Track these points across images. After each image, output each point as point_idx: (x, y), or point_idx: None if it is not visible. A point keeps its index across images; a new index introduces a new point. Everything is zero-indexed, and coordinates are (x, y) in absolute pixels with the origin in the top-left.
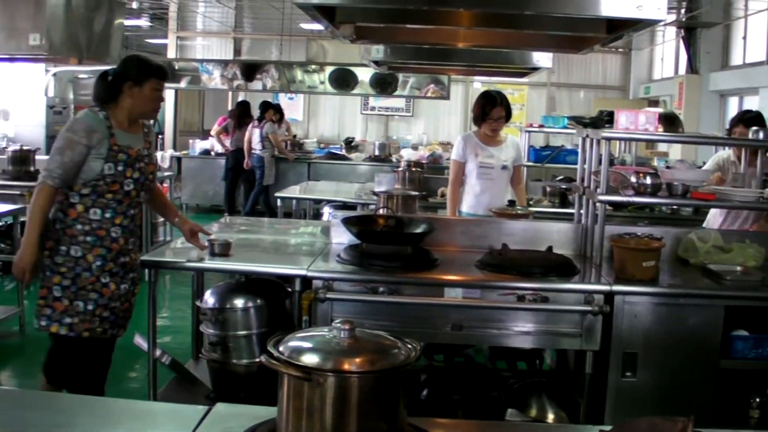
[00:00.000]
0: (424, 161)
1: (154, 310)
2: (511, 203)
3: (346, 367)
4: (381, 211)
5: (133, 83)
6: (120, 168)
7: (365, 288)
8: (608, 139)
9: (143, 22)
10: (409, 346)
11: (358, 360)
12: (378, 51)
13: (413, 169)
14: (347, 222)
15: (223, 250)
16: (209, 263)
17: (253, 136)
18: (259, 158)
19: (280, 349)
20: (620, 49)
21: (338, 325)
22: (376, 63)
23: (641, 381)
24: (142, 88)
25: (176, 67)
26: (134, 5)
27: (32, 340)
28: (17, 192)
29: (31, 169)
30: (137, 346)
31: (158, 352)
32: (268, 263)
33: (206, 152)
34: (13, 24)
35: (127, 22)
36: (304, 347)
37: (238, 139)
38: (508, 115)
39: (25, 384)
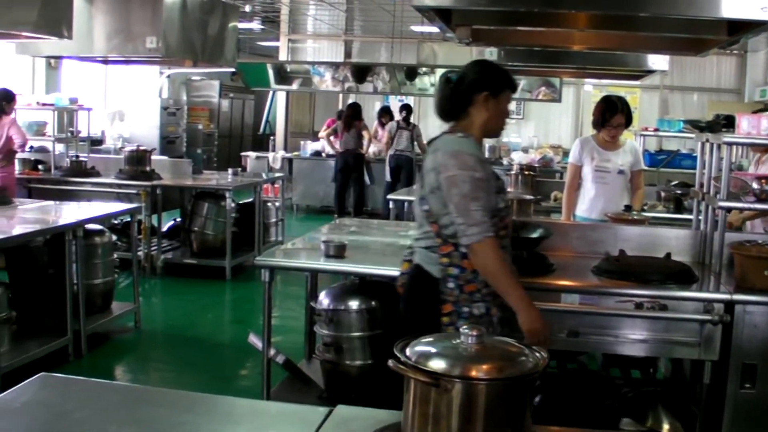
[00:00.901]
0: (535, 164)
1: (269, 310)
2: (627, 208)
3: (474, 373)
4: None
5: (490, 94)
6: (501, 197)
7: None
8: (730, 144)
9: (255, 24)
10: (537, 354)
11: (486, 367)
12: (491, 53)
13: (526, 172)
14: None
15: (338, 252)
16: (324, 264)
17: (402, 137)
18: (408, 159)
19: (407, 353)
20: (735, 51)
21: (466, 330)
22: None
23: (760, 393)
24: (499, 100)
25: (288, 70)
26: (247, 8)
27: (147, 336)
28: (133, 191)
29: (147, 168)
30: (251, 345)
31: (272, 352)
32: (383, 265)
33: (317, 154)
34: (130, 27)
35: (240, 25)
36: (432, 352)
37: (347, 141)
38: (628, 121)
39: (139, 379)
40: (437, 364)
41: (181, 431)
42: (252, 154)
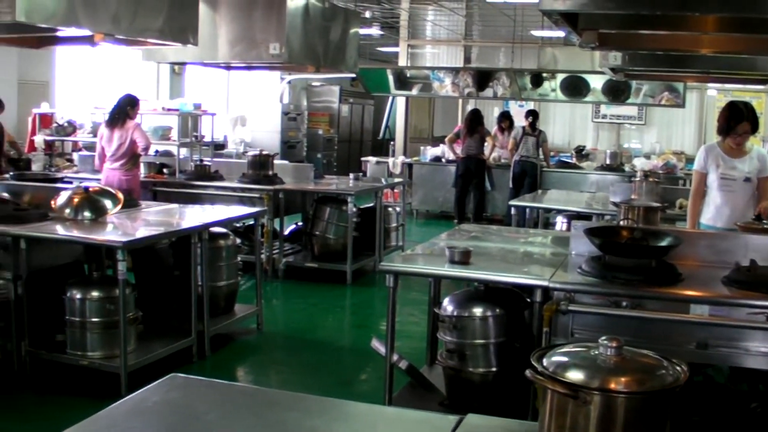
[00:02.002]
0: (658, 171)
1: (393, 315)
2: (758, 218)
3: (613, 386)
4: (622, 223)
5: None
6: None
7: (607, 301)
8: None
9: (374, 30)
10: (678, 367)
11: (625, 379)
12: (615, 57)
13: (650, 179)
14: (590, 233)
15: (463, 258)
16: (450, 271)
17: (527, 143)
18: (533, 165)
19: (544, 363)
20: None
21: (605, 342)
22: (613, 70)
23: None
24: None
25: (408, 75)
26: (367, 15)
27: (269, 338)
28: (256, 195)
29: (270, 173)
30: (373, 350)
31: (395, 357)
32: (508, 272)
33: (437, 159)
34: (253, 34)
35: (360, 31)
36: (569, 363)
37: (469, 147)
38: (754, 128)
39: (261, 381)
40: (575, 376)
41: None
42: (372, 159)
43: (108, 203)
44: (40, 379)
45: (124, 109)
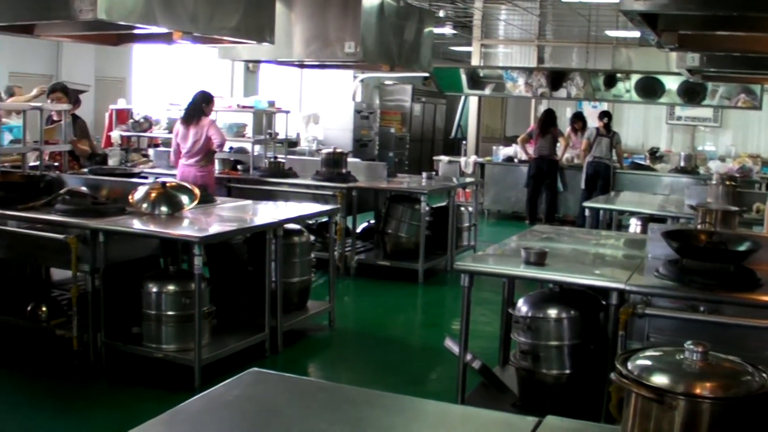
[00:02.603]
0: (734, 174)
1: (467, 315)
2: None
3: (699, 391)
4: (700, 226)
5: None
6: None
7: (684, 305)
8: None
9: (447, 30)
10: (764, 374)
11: (711, 385)
12: (693, 59)
13: (727, 182)
14: (667, 236)
15: (539, 259)
16: (526, 272)
17: (601, 144)
18: (606, 167)
19: (629, 366)
20: None
21: (690, 346)
22: (690, 71)
23: None
24: None
25: (481, 75)
26: (440, 14)
27: (340, 335)
28: (330, 193)
29: (343, 171)
30: (446, 349)
31: (469, 357)
32: (583, 274)
33: (509, 159)
34: (327, 33)
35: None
36: (654, 367)
37: (542, 147)
38: None
39: (332, 377)
40: (660, 380)
41: None
42: (444, 158)
43: (184, 198)
44: (114, 369)
45: (200, 106)
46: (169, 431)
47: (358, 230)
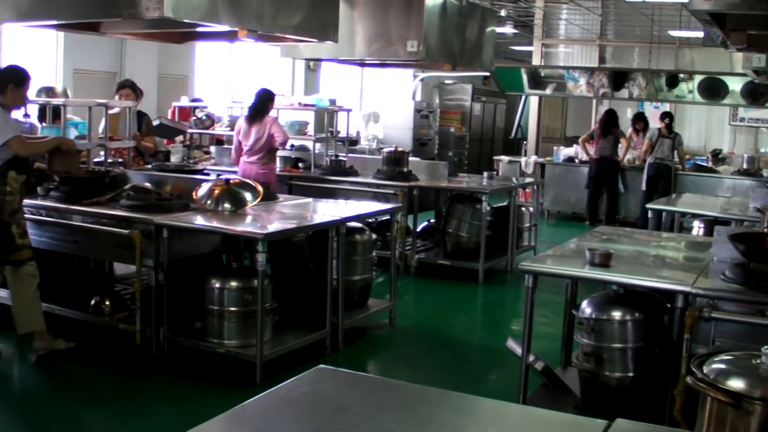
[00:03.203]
0: None
1: (530, 316)
2: None
3: None
4: (766, 229)
5: None
6: None
7: (751, 309)
8: None
9: (508, 29)
10: None
11: None
12: (760, 59)
13: None
14: (734, 238)
15: (604, 261)
16: (591, 273)
17: (663, 145)
18: (668, 168)
19: (704, 370)
20: None
21: (767, 350)
22: (756, 72)
23: None
24: None
25: (542, 74)
26: (502, 13)
27: (401, 333)
28: (391, 191)
29: (404, 169)
30: (508, 350)
31: (531, 358)
32: (648, 276)
33: (570, 159)
34: (389, 32)
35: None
36: (731, 371)
37: (603, 147)
38: None
39: (392, 376)
40: (737, 384)
41: None
42: (504, 158)
43: (248, 195)
44: (176, 364)
45: (264, 104)
46: (238, 426)
47: (419, 229)
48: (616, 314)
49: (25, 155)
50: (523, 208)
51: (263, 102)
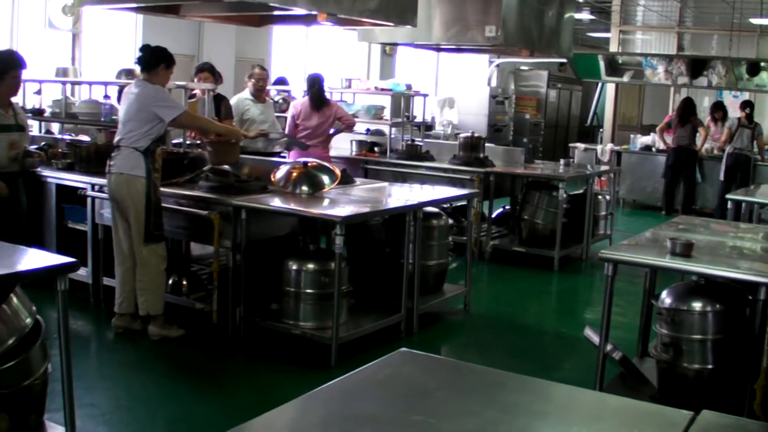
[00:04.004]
0: None
1: (609, 305)
2: None
3: None
4: None
5: None
6: None
7: None
8: None
9: (585, 15)
10: None
11: None
12: None
13: None
14: None
15: (685, 251)
16: (671, 262)
17: (743, 135)
18: (747, 158)
19: None
20: None
21: None
22: None
23: None
24: None
25: (619, 61)
26: None
27: (475, 319)
28: (467, 177)
29: (480, 155)
30: (586, 338)
31: (609, 347)
32: (729, 267)
33: (646, 148)
34: (466, 16)
35: None
36: None
37: (680, 137)
38: None
39: (467, 361)
40: None
41: (546, 421)
42: (580, 145)
43: (325, 179)
44: (251, 344)
45: (323, 90)
46: (322, 407)
47: (494, 215)
48: (697, 305)
49: (195, 128)
50: (600, 197)
51: (323, 87)
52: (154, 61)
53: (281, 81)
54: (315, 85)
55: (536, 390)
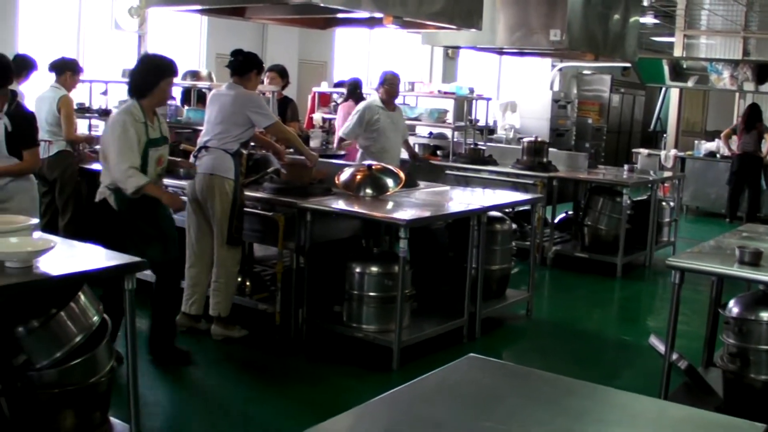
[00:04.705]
0: None
1: (676, 313)
2: None
3: None
4: None
5: None
6: None
7: None
8: None
9: (649, 19)
10: None
11: None
12: None
13: None
14: None
15: (754, 259)
16: (740, 271)
17: None
18: None
19: None
20: None
21: None
22: None
23: None
24: None
25: (684, 66)
26: (644, 2)
27: (537, 325)
28: (530, 182)
29: (544, 160)
30: (651, 347)
31: (675, 356)
32: None
33: (711, 154)
34: (529, 20)
35: None
36: None
37: (746, 143)
38: None
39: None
40: None
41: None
42: (644, 150)
43: (389, 182)
44: (313, 346)
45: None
46: (392, 410)
47: (556, 220)
48: (765, 315)
49: (282, 140)
50: (664, 203)
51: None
52: (247, 66)
53: (342, 84)
54: (357, 89)
55: (605, 398)
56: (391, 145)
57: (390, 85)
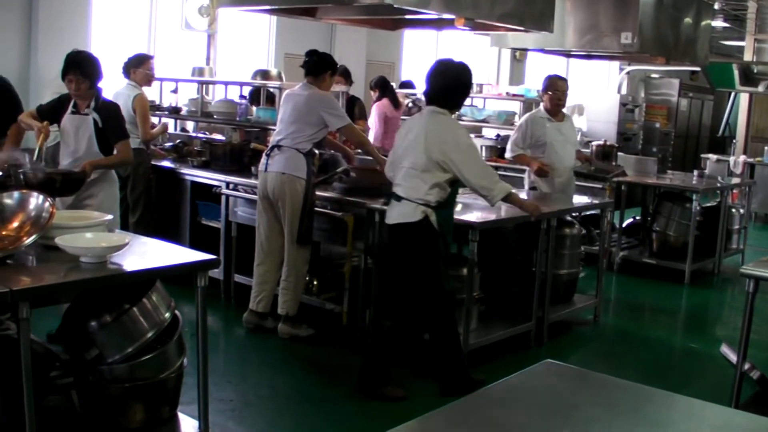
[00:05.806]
0: None
1: (749, 322)
2: None
3: None
4: None
5: None
6: None
7: None
8: None
9: (718, 23)
10: None
11: None
12: None
13: None
14: None
15: None
16: None
17: None
18: None
19: None
20: None
21: None
22: None
23: None
24: None
25: (754, 71)
26: (715, 6)
27: (603, 331)
28: (599, 186)
29: (613, 163)
30: (722, 356)
31: (747, 366)
32: None
33: None
34: (599, 23)
35: None
36: None
37: None
38: None
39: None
40: None
41: None
42: (712, 156)
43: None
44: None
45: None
46: (469, 416)
47: (623, 225)
48: None
49: (354, 142)
50: (733, 210)
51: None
52: (322, 67)
53: (407, 84)
54: (387, 85)
55: (684, 408)
56: (560, 160)
57: (556, 90)
